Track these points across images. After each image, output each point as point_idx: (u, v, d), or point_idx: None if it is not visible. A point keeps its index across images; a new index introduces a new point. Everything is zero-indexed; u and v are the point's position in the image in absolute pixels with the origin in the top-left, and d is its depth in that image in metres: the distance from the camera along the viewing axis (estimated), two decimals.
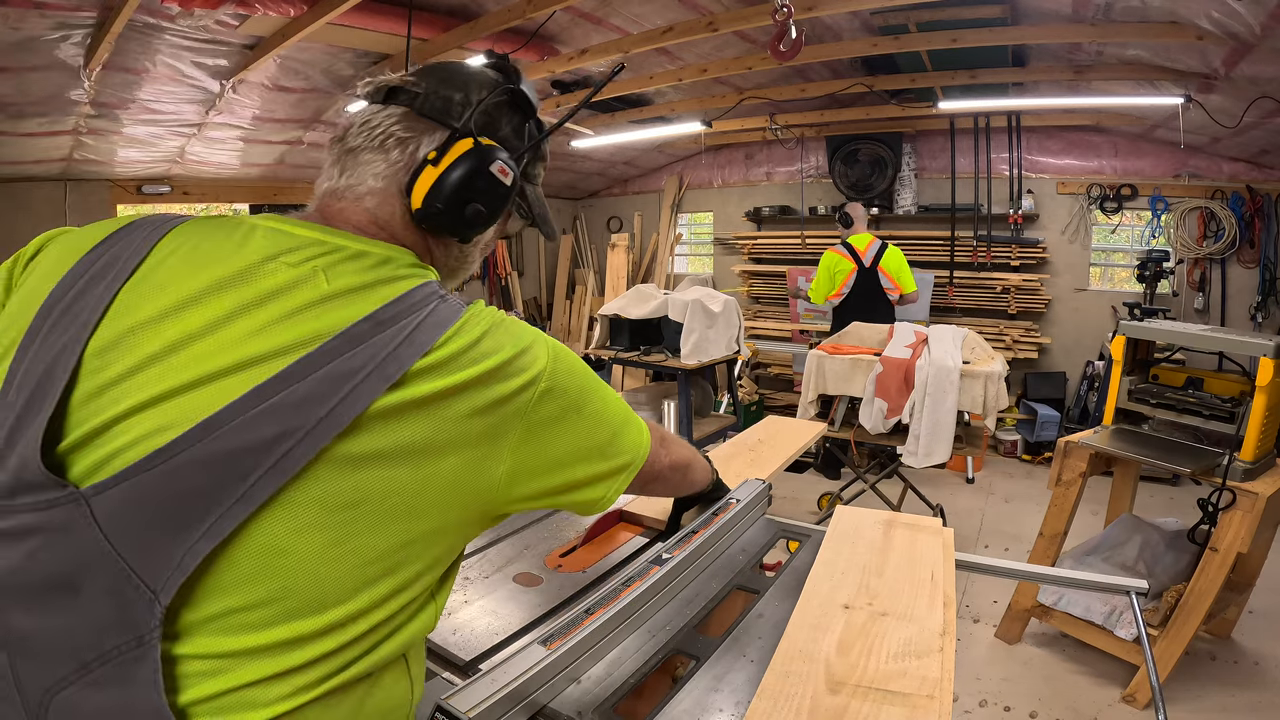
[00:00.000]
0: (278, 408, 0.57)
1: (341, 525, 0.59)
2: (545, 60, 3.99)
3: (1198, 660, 2.56)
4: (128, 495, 0.56)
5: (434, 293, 0.67)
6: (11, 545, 0.57)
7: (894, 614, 1.02)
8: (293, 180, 5.56)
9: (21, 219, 4.40)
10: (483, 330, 0.66)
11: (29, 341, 0.62)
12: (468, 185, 0.73)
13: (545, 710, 0.92)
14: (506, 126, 0.81)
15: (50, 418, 0.58)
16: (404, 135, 0.74)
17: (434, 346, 0.62)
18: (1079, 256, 5.36)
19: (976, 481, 4.62)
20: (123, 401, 0.58)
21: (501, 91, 0.79)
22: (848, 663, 0.90)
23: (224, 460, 0.56)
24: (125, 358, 0.60)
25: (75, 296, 0.63)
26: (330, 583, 0.59)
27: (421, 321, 0.63)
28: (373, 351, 0.60)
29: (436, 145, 0.74)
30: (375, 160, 0.74)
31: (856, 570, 1.16)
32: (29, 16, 2.81)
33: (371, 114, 0.76)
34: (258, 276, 0.63)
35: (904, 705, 0.82)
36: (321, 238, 0.68)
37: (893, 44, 3.81)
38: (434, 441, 0.62)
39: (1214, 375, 2.51)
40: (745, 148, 6.70)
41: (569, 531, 1.48)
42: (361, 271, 0.66)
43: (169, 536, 0.56)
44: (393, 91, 0.76)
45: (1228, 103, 3.77)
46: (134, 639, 0.55)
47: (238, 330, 0.60)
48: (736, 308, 4.10)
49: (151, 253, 0.66)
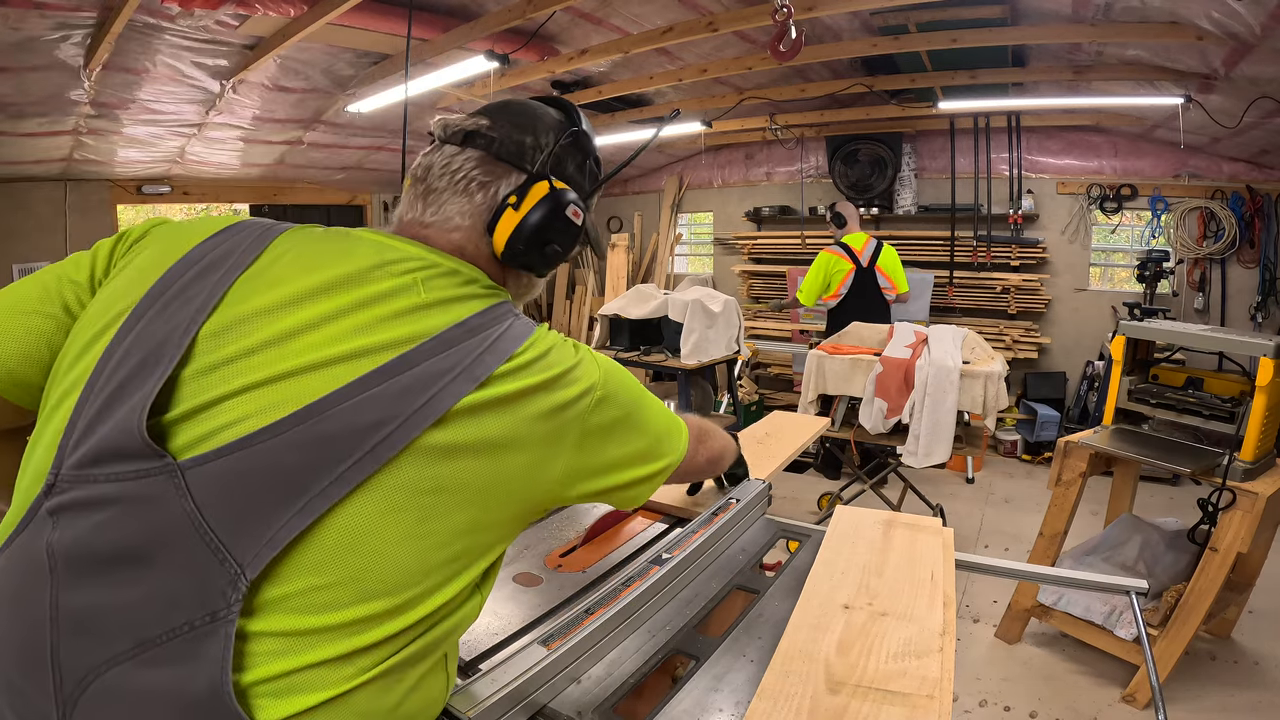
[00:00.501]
0: (378, 397, 0.62)
1: (422, 510, 0.63)
2: (545, 60, 3.99)
3: (1198, 660, 2.56)
4: (228, 469, 0.59)
5: (510, 311, 0.76)
6: (78, 517, 0.59)
7: (894, 614, 1.02)
8: (293, 180, 5.56)
9: (21, 219, 4.40)
10: (549, 345, 0.74)
11: (133, 321, 0.65)
12: (546, 227, 0.81)
13: (545, 710, 0.92)
14: (572, 166, 0.87)
15: (159, 392, 0.61)
16: (484, 179, 0.81)
17: (513, 355, 0.69)
18: (1079, 256, 5.36)
19: (976, 481, 4.62)
20: (232, 381, 0.62)
21: (568, 134, 0.85)
22: (848, 663, 0.90)
23: (326, 442, 0.60)
24: (238, 341, 0.64)
25: (189, 282, 0.68)
26: (405, 565, 0.63)
27: (503, 333, 0.71)
28: (462, 355, 0.67)
29: (514, 188, 0.81)
30: (459, 201, 0.80)
31: (856, 570, 1.16)
32: (29, 16, 2.81)
33: (450, 157, 0.82)
34: (366, 281, 0.69)
35: (904, 705, 0.82)
36: (420, 253, 0.75)
37: (892, 44, 3.81)
38: (507, 438, 0.68)
39: (1214, 375, 2.51)
40: (745, 148, 6.70)
41: (569, 531, 1.48)
42: (453, 286, 0.74)
43: (264, 512, 0.58)
44: (470, 135, 0.82)
45: (1228, 103, 3.77)
46: (207, 614, 0.56)
47: (345, 326, 0.66)
48: (736, 308, 4.09)
49: (266, 250, 0.71)
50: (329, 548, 0.60)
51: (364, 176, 5.78)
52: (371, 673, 0.61)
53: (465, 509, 0.66)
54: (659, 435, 0.86)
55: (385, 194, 6.23)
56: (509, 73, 4.01)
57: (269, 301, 0.66)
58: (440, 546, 0.65)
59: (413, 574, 0.63)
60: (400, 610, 0.63)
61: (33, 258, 4.36)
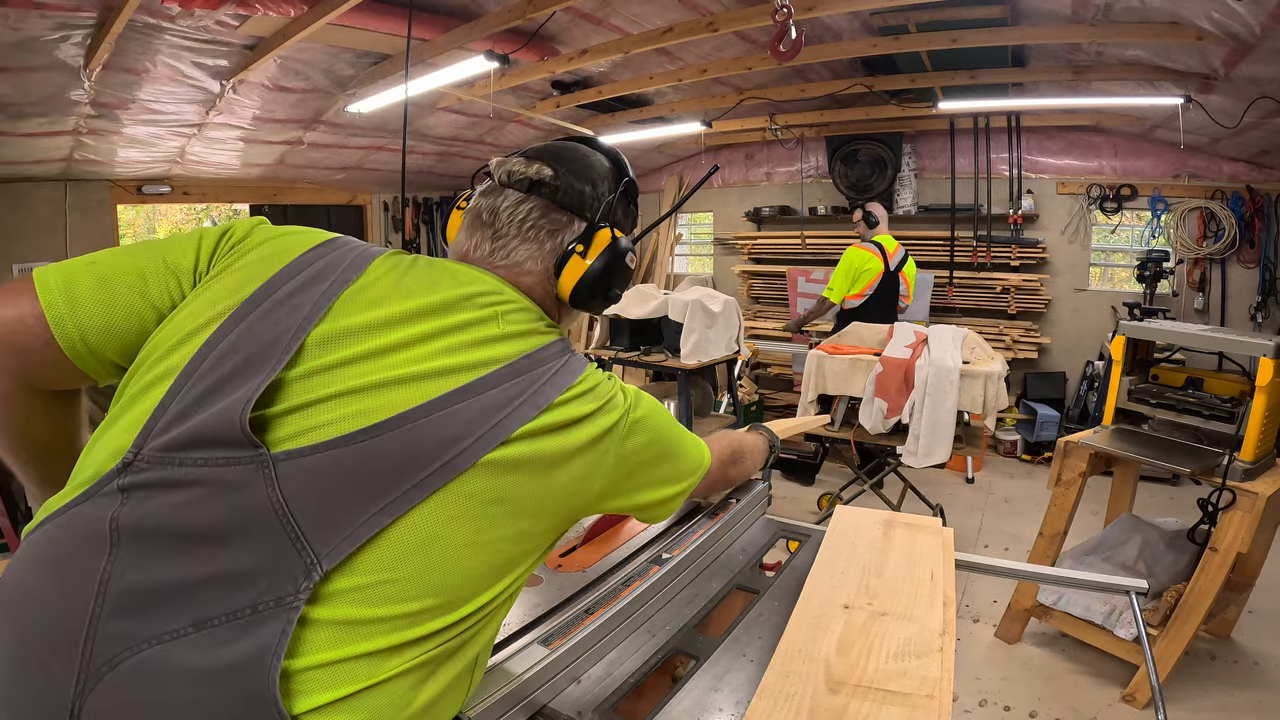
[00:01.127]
0: (460, 414, 0.69)
1: (484, 519, 0.69)
2: (545, 60, 3.99)
3: (1197, 660, 2.56)
4: (319, 465, 0.63)
5: (568, 347, 0.83)
6: (154, 495, 0.61)
7: (894, 614, 1.02)
8: (293, 180, 5.56)
9: (21, 219, 4.41)
10: (598, 380, 0.82)
11: (236, 320, 0.70)
12: (609, 273, 0.88)
13: (545, 710, 0.92)
14: (621, 212, 0.95)
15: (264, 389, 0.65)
16: (552, 229, 0.87)
17: (570, 386, 0.77)
18: (1079, 256, 5.36)
19: (976, 481, 4.62)
20: (332, 385, 0.67)
21: (623, 184, 0.95)
22: (847, 662, 0.90)
23: (412, 449, 0.66)
24: (341, 351, 0.70)
25: (295, 290, 0.73)
26: (464, 568, 0.68)
27: (562, 367, 0.78)
28: (528, 383, 0.74)
29: (578, 236, 0.88)
30: (529, 248, 0.87)
31: (856, 570, 1.16)
32: (29, 16, 2.81)
33: (515, 204, 0.87)
34: (454, 310, 0.76)
35: (904, 705, 0.82)
36: (499, 287, 0.82)
37: (892, 44, 3.81)
38: (560, 458, 0.75)
39: (1214, 375, 2.51)
40: (745, 148, 6.70)
41: (569, 531, 1.49)
42: (525, 321, 0.80)
43: (348, 508, 0.63)
44: (535, 184, 0.87)
45: (1228, 103, 3.77)
46: (273, 599, 0.59)
47: (435, 347, 0.73)
48: (736, 308, 4.09)
49: (365, 271, 0.77)
50: (402, 547, 0.64)
51: (364, 176, 5.78)
52: (409, 664, 0.64)
53: (518, 520, 0.72)
54: (683, 458, 0.94)
55: (385, 194, 6.22)
56: (509, 73, 4.01)
57: (369, 320, 0.73)
58: (495, 553, 0.71)
59: (469, 577, 0.69)
60: (449, 607, 0.67)
61: (33, 258, 4.36)
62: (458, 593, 0.68)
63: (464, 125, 5.21)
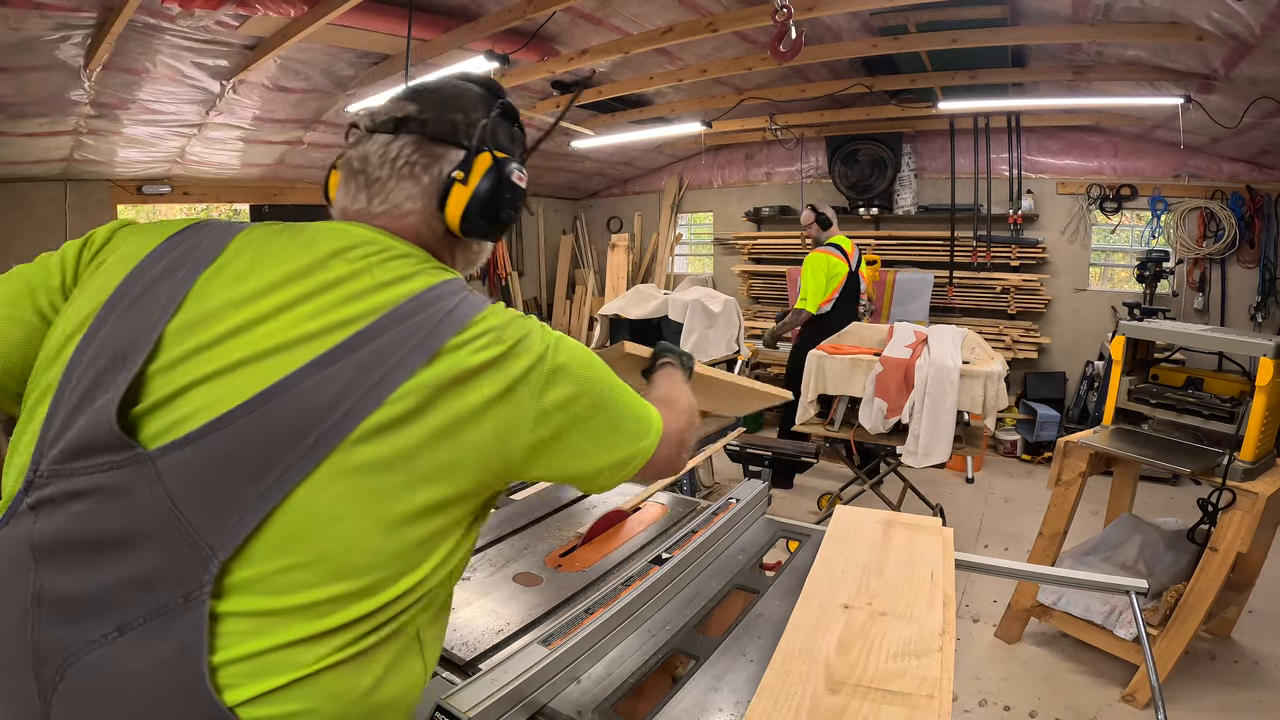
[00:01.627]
0: (334, 376, 0.64)
1: (382, 491, 0.64)
2: (545, 60, 3.98)
3: (1197, 660, 2.56)
4: (195, 455, 0.61)
5: (463, 287, 0.77)
6: (58, 509, 0.61)
7: (894, 614, 1.02)
8: (293, 180, 5.56)
9: (21, 219, 4.40)
10: (503, 319, 0.74)
11: (99, 323, 0.68)
12: (496, 195, 0.82)
13: (545, 710, 0.92)
14: (504, 136, 0.88)
15: (128, 387, 0.63)
16: (427, 162, 0.81)
17: (467, 325, 0.70)
18: (1079, 256, 5.36)
19: (976, 481, 4.62)
20: (194, 371, 0.64)
21: (495, 106, 0.87)
22: (847, 662, 0.90)
23: (284, 423, 0.62)
24: (201, 335, 0.66)
25: (152, 282, 0.70)
26: (375, 548, 0.64)
27: (458, 305, 0.72)
28: (414, 327, 0.68)
29: (457, 164, 0.82)
30: (406, 186, 0.81)
31: (856, 570, 1.16)
32: (29, 17, 2.81)
33: (385, 145, 0.82)
34: (322, 270, 0.71)
35: (904, 705, 0.82)
36: (374, 236, 0.76)
37: (892, 44, 3.81)
38: (465, 414, 0.68)
39: (1214, 375, 2.51)
40: (745, 148, 6.70)
41: (569, 531, 1.49)
42: (406, 266, 0.74)
43: (231, 495, 0.61)
44: (401, 122, 0.82)
45: (1228, 103, 3.77)
46: (181, 596, 0.58)
47: (302, 312, 0.68)
48: (736, 308, 4.10)
49: (226, 248, 0.73)
50: (294, 529, 0.61)
51: None
52: (343, 653, 0.63)
53: (424, 488, 0.66)
54: (625, 417, 0.82)
55: None
56: (509, 73, 4.01)
57: (231, 296, 0.68)
58: (409, 529, 0.66)
59: (385, 557, 0.65)
60: (370, 591, 0.64)
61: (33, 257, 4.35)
62: (374, 575, 0.64)
63: None
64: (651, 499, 1.63)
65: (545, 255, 7.73)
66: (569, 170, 6.92)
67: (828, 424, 3.53)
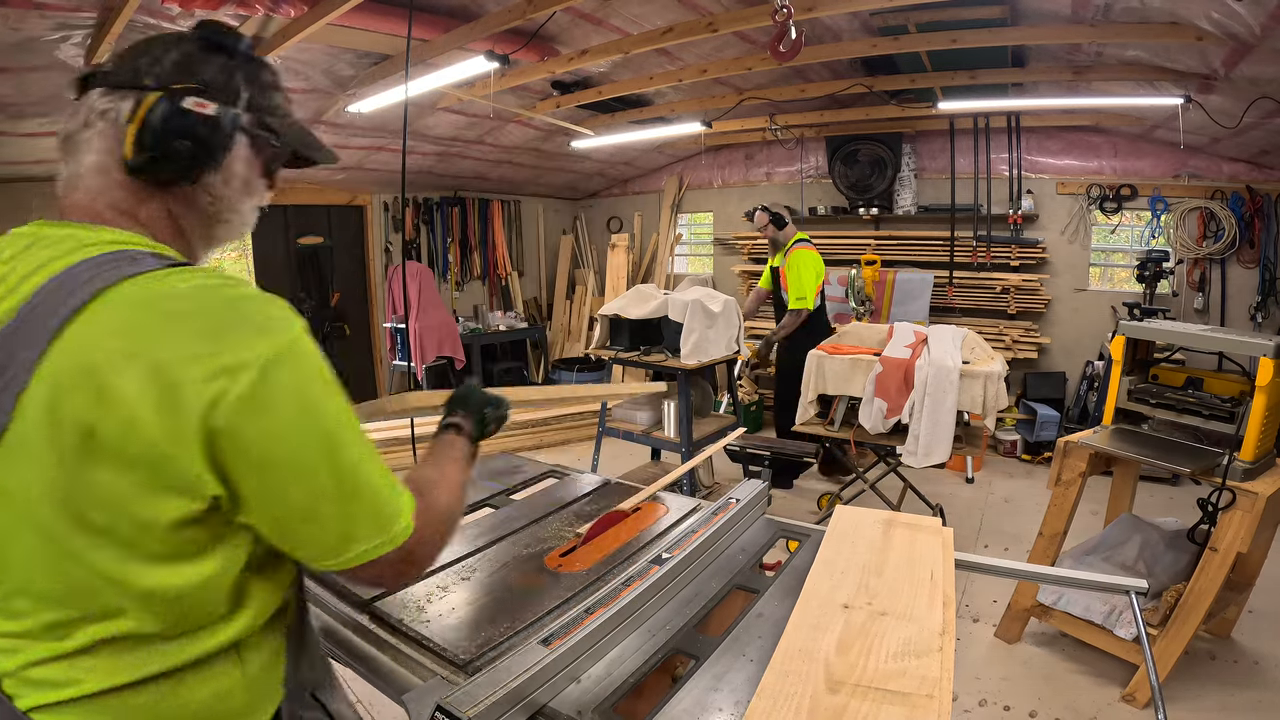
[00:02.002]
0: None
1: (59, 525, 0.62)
2: (545, 61, 3.99)
3: (1197, 660, 2.56)
4: None
5: (142, 255, 0.68)
6: None
7: (893, 614, 1.02)
8: (293, 180, 5.55)
9: (21, 219, 4.38)
10: (191, 283, 0.65)
11: None
12: (165, 127, 0.72)
13: (545, 710, 0.92)
14: (208, 71, 0.77)
15: None
16: (105, 108, 0.74)
17: (96, 295, 0.62)
18: (1079, 257, 5.36)
19: (976, 481, 4.62)
20: None
21: (189, 41, 0.78)
22: (847, 662, 0.91)
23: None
24: None
25: None
26: (47, 577, 0.63)
27: (94, 276, 0.63)
28: (34, 318, 0.62)
29: (132, 107, 0.73)
30: (89, 138, 0.74)
31: (856, 570, 1.16)
32: (29, 17, 2.81)
33: (77, 109, 0.76)
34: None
35: (903, 704, 0.82)
36: (70, 233, 0.70)
37: (892, 45, 3.81)
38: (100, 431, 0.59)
39: (1214, 375, 2.51)
40: (745, 148, 6.70)
41: (569, 531, 1.49)
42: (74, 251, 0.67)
43: None
44: (86, 79, 0.76)
45: (1227, 103, 3.77)
46: None
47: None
48: (736, 308, 4.09)
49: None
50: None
51: (364, 177, 5.78)
52: (121, 675, 0.65)
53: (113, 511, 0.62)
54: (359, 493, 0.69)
55: (385, 194, 6.23)
56: (509, 73, 4.01)
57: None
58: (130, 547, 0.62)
59: (104, 579, 0.63)
60: (94, 618, 0.64)
61: None
62: (99, 601, 0.64)
63: (464, 125, 5.21)
64: (651, 499, 1.63)
65: (545, 255, 7.73)
66: (569, 170, 6.92)
67: (828, 424, 3.53)
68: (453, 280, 6.78)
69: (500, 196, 7.10)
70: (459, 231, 6.76)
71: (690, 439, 3.72)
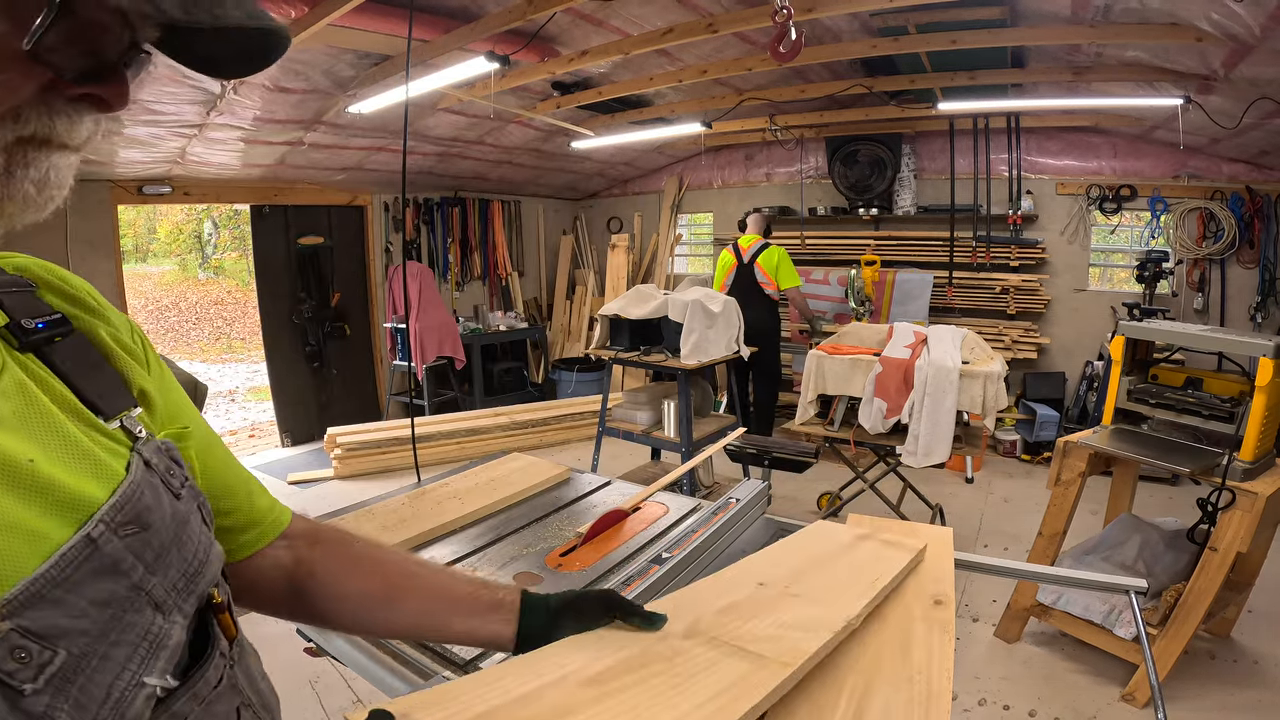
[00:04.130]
0: None
1: None
2: (545, 61, 3.99)
3: (1197, 659, 2.56)
4: None
5: None
6: None
7: (807, 596, 0.93)
8: (293, 181, 5.56)
9: None
10: None
11: None
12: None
13: None
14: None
15: None
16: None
17: None
18: (1078, 257, 5.36)
19: (976, 481, 4.62)
20: None
21: None
22: (721, 621, 0.83)
23: None
24: None
25: None
26: None
27: None
28: None
29: None
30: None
31: (799, 561, 1.06)
32: None
33: None
34: None
35: (751, 663, 0.75)
36: None
37: (892, 45, 3.81)
38: None
39: (1213, 375, 2.52)
40: (745, 148, 6.71)
41: (569, 531, 1.49)
42: None
43: None
44: None
45: (1227, 104, 3.77)
46: None
47: None
48: (736, 308, 4.09)
49: None
50: None
51: (364, 177, 5.78)
52: None
53: None
54: None
55: (386, 194, 6.23)
56: (509, 73, 4.01)
57: None
58: None
59: None
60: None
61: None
62: None
63: (464, 126, 5.21)
64: (651, 499, 1.63)
65: (545, 255, 7.74)
66: (569, 170, 6.92)
67: (827, 424, 3.53)
68: (453, 280, 6.78)
69: (500, 197, 7.11)
70: (459, 232, 6.77)
71: (690, 439, 3.72)
